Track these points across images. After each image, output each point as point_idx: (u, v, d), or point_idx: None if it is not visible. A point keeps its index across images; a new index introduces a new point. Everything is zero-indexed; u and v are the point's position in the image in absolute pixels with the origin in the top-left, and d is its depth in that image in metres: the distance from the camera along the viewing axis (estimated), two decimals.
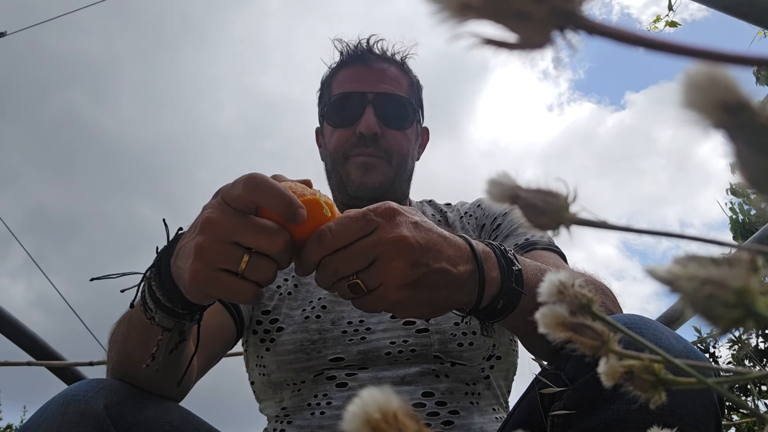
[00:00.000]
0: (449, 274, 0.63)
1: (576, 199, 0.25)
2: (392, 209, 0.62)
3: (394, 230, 0.61)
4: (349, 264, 0.60)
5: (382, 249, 0.60)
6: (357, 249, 0.60)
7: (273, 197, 0.58)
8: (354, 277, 0.60)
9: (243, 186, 0.58)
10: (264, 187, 0.58)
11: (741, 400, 0.30)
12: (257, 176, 0.59)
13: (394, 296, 0.61)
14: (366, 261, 0.60)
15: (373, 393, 0.22)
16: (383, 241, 0.60)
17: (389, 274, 0.60)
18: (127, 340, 0.76)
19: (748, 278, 0.20)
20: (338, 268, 0.60)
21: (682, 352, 0.63)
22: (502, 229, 1.08)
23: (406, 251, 0.60)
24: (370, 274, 0.60)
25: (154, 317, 0.68)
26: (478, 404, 0.97)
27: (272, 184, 0.58)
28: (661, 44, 0.18)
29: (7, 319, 1.95)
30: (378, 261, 0.60)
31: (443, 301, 0.64)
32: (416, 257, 0.60)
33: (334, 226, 0.61)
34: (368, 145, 1.12)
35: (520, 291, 0.67)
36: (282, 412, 1.00)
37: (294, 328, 1.01)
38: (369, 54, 1.20)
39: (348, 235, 0.60)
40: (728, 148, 0.19)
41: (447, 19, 0.18)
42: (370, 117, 1.12)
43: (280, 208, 0.58)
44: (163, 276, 0.65)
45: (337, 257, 0.60)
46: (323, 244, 0.60)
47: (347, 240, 0.60)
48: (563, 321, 0.28)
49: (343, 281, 0.61)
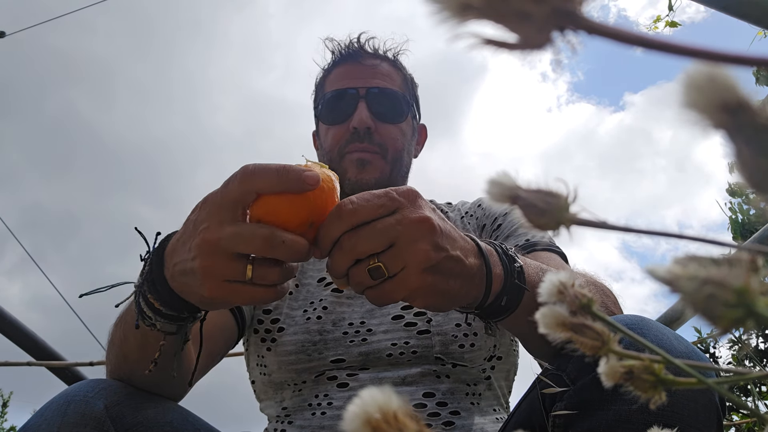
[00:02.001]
0: (463, 263, 0.62)
1: (576, 200, 0.25)
2: (414, 191, 0.61)
3: (417, 211, 0.59)
4: (370, 242, 0.57)
5: (406, 229, 0.57)
6: (380, 226, 0.57)
7: (274, 176, 0.56)
8: (376, 260, 0.57)
9: (239, 181, 0.56)
10: (260, 172, 0.56)
11: (741, 401, 0.30)
12: (249, 166, 0.57)
13: (415, 281, 0.58)
14: (388, 241, 0.57)
15: (373, 393, 0.22)
16: (407, 221, 0.58)
17: (413, 256, 0.57)
18: (125, 343, 0.76)
19: (748, 278, 0.20)
20: (357, 246, 0.57)
21: (684, 352, 0.63)
22: (502, 230, 1.08)
23: (430, 233, 0.58)
24: (392, 256, 0.57)
25: (154, 324, 0.67)
26: (478, 405, 0.97)
27: (266, 166, 0.57)
28: (661, 44, 0.18)
29: (7, 319, 1.95)
30: (400, 241, 0.57)
31: (457, 291, 0.62)
32: (438, 240, 0.59)
33: (356, 200, 0.58)
34: (362, 140, 1.13)
35: (523, 287, 0.67)
36: (283, 411, 1.00)
37: (295, 329, 1.01)
38: (360, 51, 1.21)
39: (370, 209, 0.57)
40: (728, 148, 0.19)
41: (447, 19, 0.18)
42: (363, 111, 1.13)
43: (287, 183, 0.56)
44: (158, 287, 0.63)
45: (357, 234, 0.57)
46: (343, 218, 0.57)
47: (369, 215, 0.57)
48: (563, 321, 0.28)
49: (362, 265, 0.58)
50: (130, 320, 0.72)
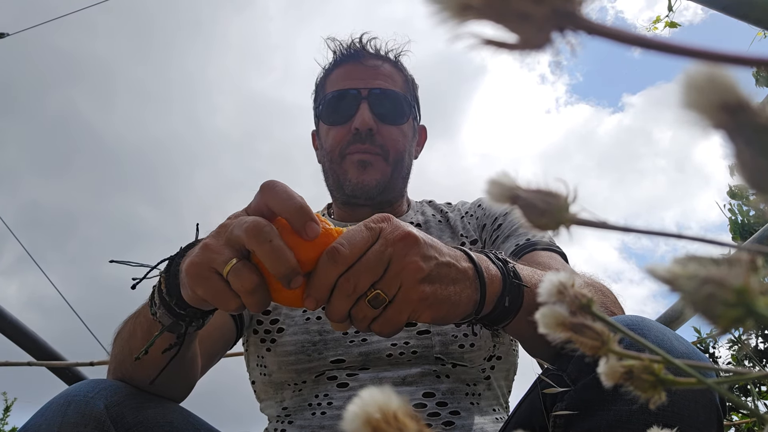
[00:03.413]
0: (456, 267, 0.62)
1: (576, 200, 0.25)
2: (386, 215, 0.62)
3: (398, 229, 0.60)
4: (367, 275, 0.57)
5: (393, 248, 0.58)
6: (370, 257, 0.58)
7: (284, 200, 0.58)
8: (372, 290, 0.58)
9: (259, 191, 0.60)
10: (276, 191, 0.58)
11: (741, 401, 0.30)
12: (271, 182, 0.60)
13: (414, 295, 0.59)
14: (382, 267, 0.58)
15: (373, 393, 0.22)
16: (391, 241, 0.59)
17: (406, 271, 0.58)
18: (132, 336, 0.77)
19: (747, 278, 0.20)
20: (358, 283, 0.57)
21: (684, 353, 0.63)
22: (503, 230, 1.08)
23: (415, 244, 0.59)
24: (386, 280, 0.58)
25: (156, 312, 0.69)
26: (478, 405, 0.97)
27: (286, 190, 0.59)
28: (661, 45, 0.18)
29: (8, 319, 1.95)
30: (392, 263, 0.58)
31: (458, 296, 0.62)
32: (424, 250, 0.60)
33: (344, 241, 0.58)
34: (364, 141, 1.12)
35: (522, 285, 0.67)
36: (283, 411, 1.00)
37: (295, 329, 1.01)
38: (362, 51, 1.21)
39: (360, 244, 0.58)
40: (728, 148, 0.19)
41: (447, 19, 0.18)
42: (365, 112, 1.12)
43: (290, 211, 0.57)
44: (171, 271, 0.67)
45: (353, 272, 0.57)
46: (338, 261, 0.57)
47: (360, 251, 0.58)
48: (563, 321, 0.28)
49: (362, 300, 0.58)
50: (143, 315, 0.74)
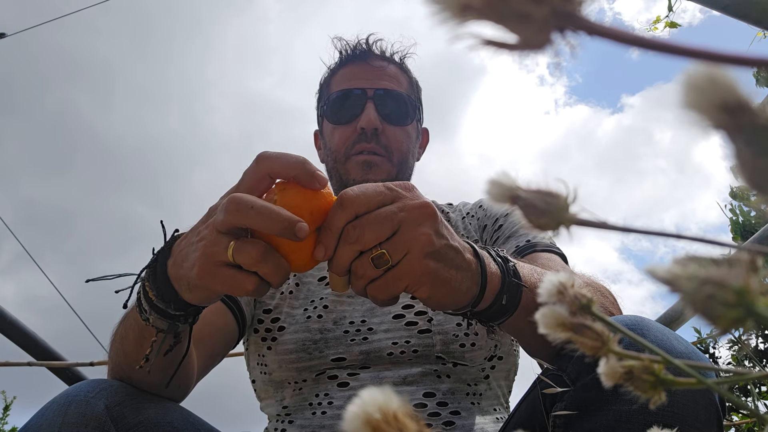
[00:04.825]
0: (462, 255, 0.62)
1: (576, 200, 0.25)
2: (411, 184, 0.62)
3: (418, 198, 0.60)
4: (374, 229, 0.57)
5: (408, 214, 0.58)
6: (383, 213, 0.57)
7: (286, 161, 0.58)
8: (379, 248, 0.57)
9: (255, 163, 0.59)
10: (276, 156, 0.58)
11: (741, 401, 0.30)
12: (265, 152, 0.59)
13: (418, 267, 0.58)
14: (392, 227, 0.57)
15: (373, 393, 0.22)
16: (408, 207, 0.58)
17: (416, 240, 0.57)
18: (125, 339, 0.76)
19: (748, 278, 0.20)
20: (363, 235, 0.57)
21: (684, 353, 0.63)
22: (503, 230, 1.08)
23: (432, 217, 0.59)
24: (395, 242, 0.57)
25: (148, 318, 0.67)
26: (479, 404, 0.97)
27: (283, 152, 0.59)
28: (661, 45, 0.18)
29: (8, 319, 1.95)
30: (403, 227, 0.57)
31: (458, 282, 0.62)
32: (438, 227, 0.59)
33: (356, 189, 0.58)
34: (369, 141, 1.13)
35: (520, 284, 0.67)
36: (283, 411, 1.00)
37: (296, 327, 1.01)
38: (369, 52, 1.21)
39: (371, 196, 0.58)
40: (728, 149, 0.19)
41: (447, 19, 0.18)
42: (371, 112, 1.13)
43: (295, 168, 0.58)
44: (158, 277, 0.64)
45: (361, 222, 0.57)
46: (345, 206, 0.57)
47: (371, 203, 0.58)
48: (563, 321, 0.28)
49: (365, 256, 0.58)
50: (132, 317, 0.73)
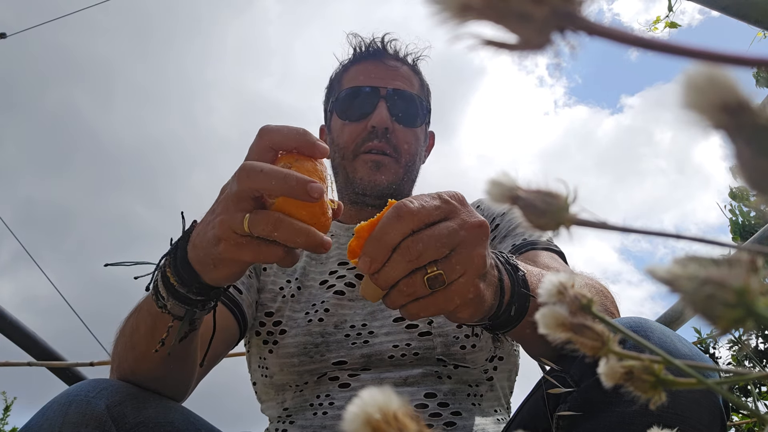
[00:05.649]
0: (494, 271, 0.60)
1: (576, 200, 0.25)
2: (462, 196, 0.57)
3: (474, 215, 0.56)
4: (436, 246, 0.52)
5: (467, 233, 0.54)
6: (444, 231, 0.52)
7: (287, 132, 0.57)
8: (435, 267, 0.53)
9: (258, 137, 0.59)
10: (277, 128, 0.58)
11: (741, 401, 0.30)
12: (266, 125, 0.59)
13: (472, 288, 0.54)
14: (449, 246, 0.53)
15: (373, 393, 0.22)
16: (468, 225, 0.54)
17: (472, 262, 0.53)
18: (135, 332, 0.76)
19: (748, 278, 0.20)
20: (425, 251, 0.51)
21: (687, 354, 0.63)
22: (500, 230, 1.08)
23: (486, 237, 0.55)
24: (452, 262, 0.53)
25: (165, 305, 0.68)
26: (480, 405, 0.97)
27: (284, 125, 0.58)
28: (661, 45, 0.18)
29: (8, 319, 1.95)
30: (461, 247, 0.53)
31: (490, 301, 0.59)
32: (487, 245, 0.56)
33: (415, 200, 0.53)
34: (380, 140, 1.13)
35: (529, 294, 0.65)
36: (284, 412, 1.00)
37: (297, 330, 1.01)
38: (383, 51, 1.21)
39: (431, 211, 0.53)
40: (728, 149, 0.19)
41: (447, 20, 0.18)
42: (382, 111, 1.13)
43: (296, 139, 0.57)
44: (178, 262, 0.64)
45: (422, 238, 0.52)
46: (404, 219, 0.52)
47: (430, 217, 0.53)
48: (563, 322, 0.28)
49: (419, 274, 0.53)
50: (145, 309, 0.73)
